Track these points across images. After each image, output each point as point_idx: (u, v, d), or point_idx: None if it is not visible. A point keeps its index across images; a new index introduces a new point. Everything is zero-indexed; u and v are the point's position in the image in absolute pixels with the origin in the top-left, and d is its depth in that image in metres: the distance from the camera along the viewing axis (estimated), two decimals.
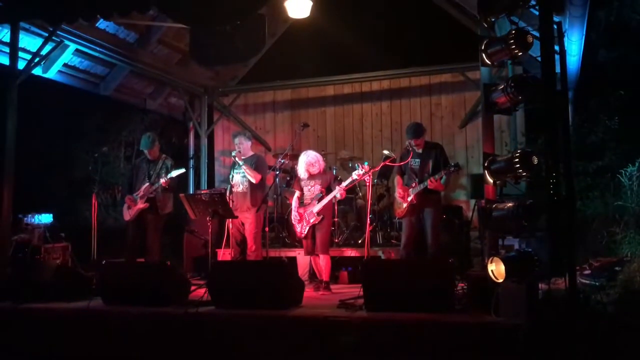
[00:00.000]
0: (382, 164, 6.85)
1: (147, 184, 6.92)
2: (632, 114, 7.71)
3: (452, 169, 6.09)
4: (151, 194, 6.88)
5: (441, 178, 6.13)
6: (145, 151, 7.11)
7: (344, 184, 6.43)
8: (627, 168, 6.85)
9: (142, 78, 9.68)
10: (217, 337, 4.89)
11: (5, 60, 7.10)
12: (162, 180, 6.79)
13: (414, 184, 6.30)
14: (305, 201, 6.66)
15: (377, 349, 4.49)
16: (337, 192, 6.40)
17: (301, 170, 6.68)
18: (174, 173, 6.85)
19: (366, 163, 6.47)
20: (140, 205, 6.87)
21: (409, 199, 6.27)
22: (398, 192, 6.45)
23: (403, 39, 9.93)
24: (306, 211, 6.55)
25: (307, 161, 6.63)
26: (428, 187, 6.15)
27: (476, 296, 4.76)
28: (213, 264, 6.03)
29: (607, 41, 8.53)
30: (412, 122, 7.06)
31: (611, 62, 8.39)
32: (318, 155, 6.74)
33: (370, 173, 6.35)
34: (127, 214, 6.99)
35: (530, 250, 4.50)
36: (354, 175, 6.33)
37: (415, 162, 6.39)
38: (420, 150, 6.41)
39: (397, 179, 6.62)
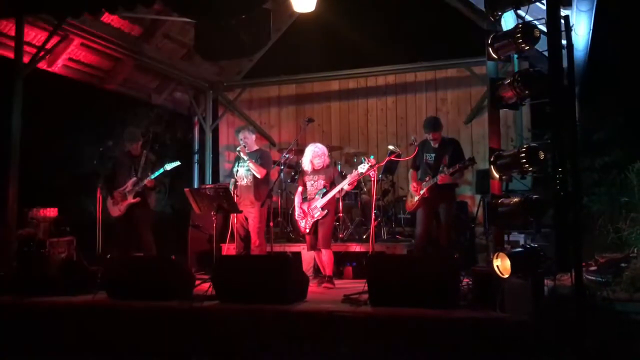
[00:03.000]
0: (387, 159, 6.84)
1: (134, 178, 6.90)
2: (639, 110, 7.66)
3: (467, 163, 6.07)
4: (139, 189, 6.86)
5: (451, 173, 6.12)
6: (131, 145, 7.10)
7: (350, 176, 6.40)
8: (634, 164, 6.81)
9: (147, 72, 9.67)
10: (221, 332, 4.89)
11: (11, 54, 7.10)
12: (147, 180, 6.78)
13: (427, 178, 6.31)
14: (308, 196, 6.64)
15: (382, 344, 4.49)
16: (346, 184, 6.38)
17: (306, 161, 6.65)
18: (168, 166, 6.85)
19: (372, 157, 6.46)
20: (131, 200, 6.85)
21: (422, 192, 6.28)
22: (412, 186, 6.46)
23: (408, 34, 9.90)
24: (310, 206, 6.53)
25: (314, 151, 6.59)
26: (438, 182, 6.15)
27: (481, 292, 4.74)
28: (217, 259, 6.03)
29: (615, 35, 8.47)
30: (429, 116, 7.03)
31: (619, 56, 8.34)
32: (325, 149, 6.72)
33: (375, 168, 6.34)
34: (116, 210, 6.91)
35: (536, 246, 4.48)
36: (360, 168, 6.32)
37: (430, 157, 6.40)
38: (436, 145, 6.41)
39: (411, 173, 6.66)
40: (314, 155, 6.60)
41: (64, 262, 6.42)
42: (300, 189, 6.78)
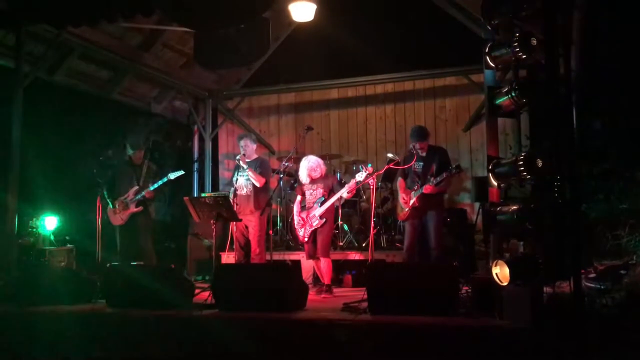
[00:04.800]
0: (386, 167, 6.85)
1: (136, 187, 6.90)
2: (637, 116, 7.67)
3: (454, 171, 6.08)
4: (142, 198, 6.87)
5: (437, 183, 6.13)
6: (133, 153, 7.11)
7: (347, 185, 6.42)
8: (633, 170, 6.83)
9: (146, 81, 9.70)
10: (221, 340, 4.89)
11: (11, 64, 7.13)
12: (149, 189, 6.79)
13: (416, 187, 6.30)
14: (307, 205, 6.65)
15: (382, 353, 4.48)
16: (343, 192, 6.40)
17: (303, 175, 6.68)
18: (172, 175, 6.85)
19: (369, 165, 6.47)
20: (134, 208, 6.85)
21: (411, 202, 6.27)
22: (401, 197, 6.46)
23: (407, 42, 9.90)
24: (308, 215, 6.54)
25: (309, 166, 6.63)
26: (424, 192, 6.17)
27: (480, 300, 4.75)
28: (217, 267, 6.03)
29: (612, 42, 8.50)
30: (416, 125, 7.04)
31: (616, 63, 8.36)
32: (319, 159, 6.74)
33: (374, 176, 6.35)
34: (118, 219, 6.91)
35: (534, 253, 4.48)
36: (357, 177, 6.33)
37: (418, 165, 6.40)
38: (423, 154, 6.41)
39: (399, 182, 6.62)
40: (309, 169, 6.62)
41: (63, 271, 6.41)
42: (299, 197, 6.80)
